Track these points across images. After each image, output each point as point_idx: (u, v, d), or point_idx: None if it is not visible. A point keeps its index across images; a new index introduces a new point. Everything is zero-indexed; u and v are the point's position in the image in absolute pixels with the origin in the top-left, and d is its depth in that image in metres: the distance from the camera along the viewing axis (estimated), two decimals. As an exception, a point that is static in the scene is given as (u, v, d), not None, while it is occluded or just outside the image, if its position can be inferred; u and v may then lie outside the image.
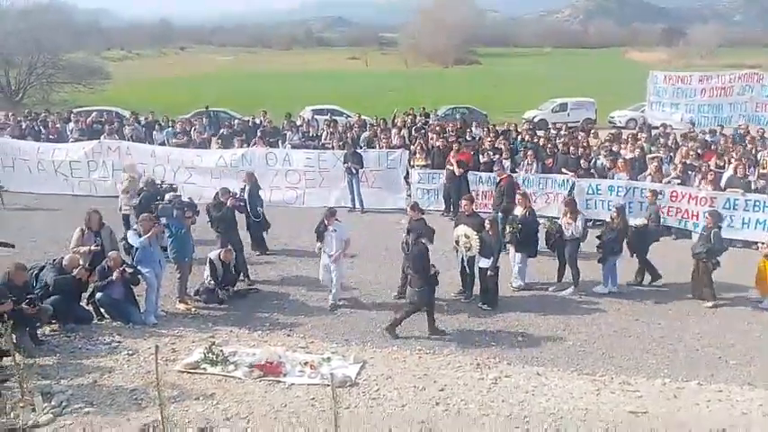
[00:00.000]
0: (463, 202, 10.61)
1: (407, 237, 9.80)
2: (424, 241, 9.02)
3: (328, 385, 6.52)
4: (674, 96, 20.22)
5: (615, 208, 10.82)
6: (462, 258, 9.93)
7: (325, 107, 31.12)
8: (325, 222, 9.76)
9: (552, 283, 10.77)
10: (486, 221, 9.87)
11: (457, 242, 9.90)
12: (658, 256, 11.27)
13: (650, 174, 14.08)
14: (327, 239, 9.76)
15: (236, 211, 11.26)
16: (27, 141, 18.37)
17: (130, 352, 8.09)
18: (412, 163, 16.08)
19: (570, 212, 10.47)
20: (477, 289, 10.16)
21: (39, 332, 8.38)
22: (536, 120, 30.94)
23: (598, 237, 10.59)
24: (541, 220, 10.89)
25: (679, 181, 13.90)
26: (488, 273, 9.69)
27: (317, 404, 6.98)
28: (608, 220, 10.81)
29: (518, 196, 11.19)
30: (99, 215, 9.81)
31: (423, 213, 10.45)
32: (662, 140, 17.84)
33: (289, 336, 8.92)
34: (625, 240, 10.62)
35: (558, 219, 11.02)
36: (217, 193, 11.38)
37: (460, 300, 10.15)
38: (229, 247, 10.45)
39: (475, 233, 9.62)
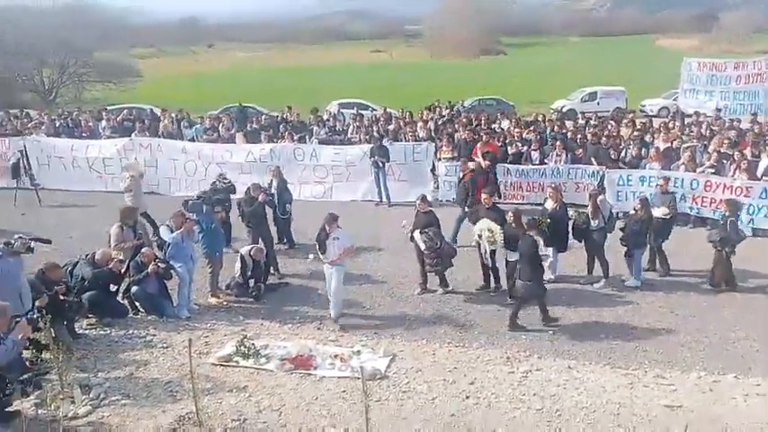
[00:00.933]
0: (483, 196, 10.52)
1: (420, 232, 9.70)
2: (532, 234, 8.94)
3: (358, 378, 6.56)
4: (708, 84, 19.70)
5: (639, 199, 10.65)
6: (485, 252, 9.83)
7: (351, 101, 31.15)
8: (327, 229, 8.98)
9: (583, 275, 10.63)
10: (509, 214, 9.73)
11: (479, 236, 9.81)
12: (690, 246, 11.04)
13: (683, 163, 13.78)
14: (329, 248, 9.01)
15: (267, 206, 11.34)
16: (61, 139, 18.76)
17: (165, 345, 8.24)
18: (438, 155, 16.01)
19: (593, 204, 10.33)
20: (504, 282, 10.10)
21: (76, 326, 8.59)
22: (565, 110, 30.52)
23: (621, 229, 10.43)
24: (570, 211, 10.72)
25: (713, 170, 13.59)
26: (517, 266, 9.58)
27: (347, 397, 7.02)
28: (632, 211, 10.65)
29: (549, 190, 11.05)
30: (132, 209, 10.01)
31: (430, 206, 10.38)
32: (695, 129, 17.45)
33: (319, 329, 8.99)
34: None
35: (586, 208, 10.88)
36: (248, 189, 11.50)
37: (488, 293, 10.08)
38: (261, 245, 10.53)
39: (499, 227, 9.53)
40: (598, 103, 32.48)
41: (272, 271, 10.87)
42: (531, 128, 17.88)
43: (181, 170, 16.66)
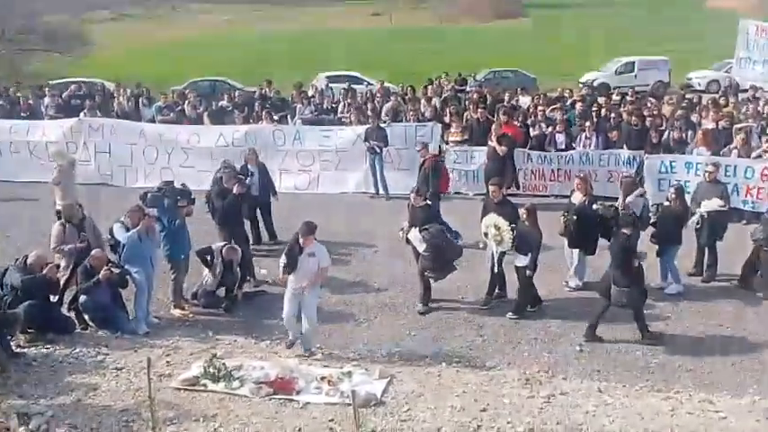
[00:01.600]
0: (491, 187, 10.47)
1: (420, 230, 9.66)
2: (627, 231, 8.97)
3: (350, 404, 6.57)
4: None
5: (673, 188, 10.69)
6: (492, 254, 9.80)
7: (342, 74, 31.13)
8: (301, 243, 8.51)
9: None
10: (523, 210, 9.71)
11: (485, 235, 9.79)
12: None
13: (736, 147, 13.77)
14: (302, 267, 8.50)
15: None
16: (-2, 120, 18.69)
17: (119, 366, 8.25)
18: (446, 138, 16.00)
19: (625, 194, 10.32)
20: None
21: (13, 343, 8.57)
22: (596, 84, 30.54)
23: (653, 224, 10.46)
24: (596, 205, 10.69)
25: (772, 156, 13.59)
26: (527, 273, 9.57)
27: (336, 426, 7.04)
28: (665, 203, 10.67)
29: (576, 180, 11.03)
30: (79, 206, 9.95)
31: (426, 199, 10.37)
32: (750, 107, 17.43)
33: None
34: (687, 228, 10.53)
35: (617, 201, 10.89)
36: (219, 178, 11.47)
37: (503, 302, 10.08)
38: (233, 244, 10.51)
39: (507, 224, 9.50)
40: (636, 76, 32.55)
41: (247, 277, 10.86)
42: (557, 105, 17.88)
43: (139, 157, 16.62)
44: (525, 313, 9.72)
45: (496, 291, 10.19)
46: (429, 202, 10.33)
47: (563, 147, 15.25)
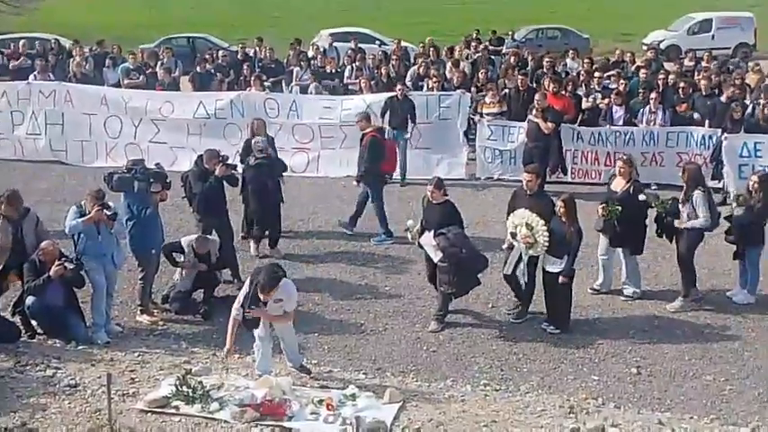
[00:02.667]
0: (525, 176, 10.26)
1: (435, 234, 9.58)
2: None
3: (352, 434, 6.61)
4: None
5: (757, 176, 10.57)
6: (521, 257, 9.74)
7: (349, 30, 31.16)
8: (262, 299, 8.07)
9: (674, 290, 10.62)
10: (559, 202, 9.56)
11: (513, 235, 9.71)
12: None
13: None
14: (269, 308, 8.25)
15: (227, 183, 11.31)
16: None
17: (73, 383, 8.29)
18: (478, 110, 15.97)
19: (688, 183, 10.25)
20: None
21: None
22: (664, 46, 30.40)
23: (727, 218, 10.41)
24: (649, 197, 10.61)
25: None
26: (561, 280, 9.51)
27: (336, 460, 7.10)
28: (745, 193, 10.61)
29: (619, 163, 10.94)
30: (17, 196, 9.76)
31: (447, 194, 10.14)
32: None
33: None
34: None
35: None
36: (200, 157, 11.50)
37: (538, 315, 10.05)
38: (212, 235, 10.56)
39: (541, 222, 9.38)
40: (713, 37, 32.39)
41: (229, 277, 10.94)
42: (614, 72, 17.83)
43: (99, 130, 16.68)
44: (569, 327, 9.73)
45: (515, 302, 10.16)
46: (449, 198, 10.14)
47: (621, 123, 15.22)
